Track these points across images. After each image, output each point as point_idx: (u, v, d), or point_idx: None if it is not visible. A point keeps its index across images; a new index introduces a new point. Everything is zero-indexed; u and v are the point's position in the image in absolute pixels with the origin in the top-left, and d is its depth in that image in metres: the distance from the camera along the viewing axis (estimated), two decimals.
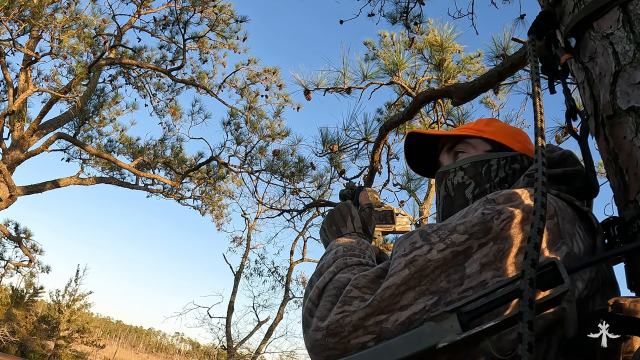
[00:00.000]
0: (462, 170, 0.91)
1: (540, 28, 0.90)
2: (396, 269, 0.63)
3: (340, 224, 0.91)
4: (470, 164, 0.91)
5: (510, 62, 2.73)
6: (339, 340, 0.62)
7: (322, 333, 0.64)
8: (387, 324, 0.60)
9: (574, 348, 0.59)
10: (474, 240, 0.62)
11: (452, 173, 0.92)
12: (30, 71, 8.63)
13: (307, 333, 0.67)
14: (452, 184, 0.92)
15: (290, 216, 5.49)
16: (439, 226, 0.67)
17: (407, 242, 0.67)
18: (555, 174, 0.80)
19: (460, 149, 0.96)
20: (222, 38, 9.57)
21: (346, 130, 4.46)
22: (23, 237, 9.37)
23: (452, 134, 0.98)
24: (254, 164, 8.46)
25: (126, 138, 9.70)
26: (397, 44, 5.48)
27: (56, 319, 19.11)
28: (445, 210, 0.92)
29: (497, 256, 0.62)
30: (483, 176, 0.89)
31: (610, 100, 0.79)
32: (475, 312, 0.56)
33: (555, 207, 0.68)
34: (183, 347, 57.28)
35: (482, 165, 0.90)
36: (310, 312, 0.68)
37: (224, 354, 14.35)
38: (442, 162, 1.00)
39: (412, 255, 0.63)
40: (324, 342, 0.63)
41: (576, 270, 0.60)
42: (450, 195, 0.91)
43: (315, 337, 0.64)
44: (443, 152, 1.00)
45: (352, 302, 0.63)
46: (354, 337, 0.61)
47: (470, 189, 0.89)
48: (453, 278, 0.61)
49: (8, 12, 5.91)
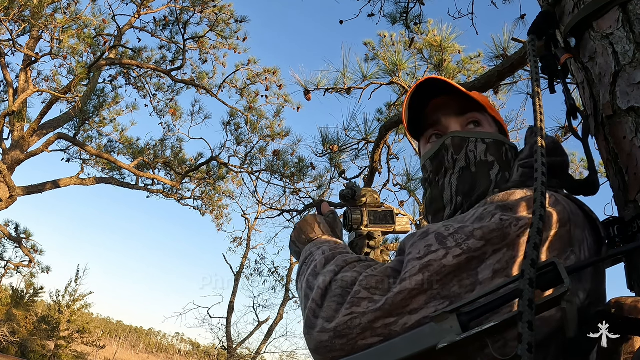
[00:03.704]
0: (484, 144, 0.84)
1: (540, 28, 0.90)
2: (410, 272, 0.62)
3: (309, 231, 0.91)
4: (492, 141, 0.85)
5: (510, 62, 2.73)
6: (346, 342, 0.61)
7: (329, 335, 0.63)
8: (396, 327, 0.59)
9: (574, 348, 0.59)
10: (489, 246, 0.61)
11: (473, 143, 0.84)
12: (30, 71, 8.62)
13: (311, 334, 0.65)
14: (474, 157, 0.83)
15: (290, 216, 5.48)
16: (456, 229, 0.64)
17: (422, 244, 0.65)
18: (553, 162, 0.78)
19: (475, 118, 0.88)
20: (222, 38, 9.57)
21: (346, 131, 4.46)
22: (23, 237, 9.37)
23: (477, 99, 0.89)
24: (254, 164, 8.46)
25: (126, 138, 9.70)
26: (397, 44, 5.48)
27: (56, 319, 19.11)
28: (461, 183, 0.83)
29: (509, 263, 0.61)
30: (504, 159, 0.84)
31: (610, 100, 0.79)
32: (475, 313, 0.56)
33: (569, 212, 0.66)
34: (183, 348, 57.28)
35: (502, 147, 0.85)
36: (315, 313, 0.67)
37: (224, 354, 14.35)
38: (445, 123, 0.89)
39: (427, 260, 0.62)
40: (330, 343, 0.62)
41: (576, 271, 0.60)
42: (471, 170, 0.83)
43: (320, 339, 0.63)
44: (449, 112, 0.89)
45: (361, 303, 0.62)
46: (361, 338, 0.60)
47: (495, 171, 0.82)
48: (465, 283, 0.60)
49: (8, 13, 5.91)
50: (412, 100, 0.91)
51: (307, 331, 0.66)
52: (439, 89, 0.90)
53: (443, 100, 0.90)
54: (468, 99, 0.89)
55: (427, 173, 0.90)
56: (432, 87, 0.89)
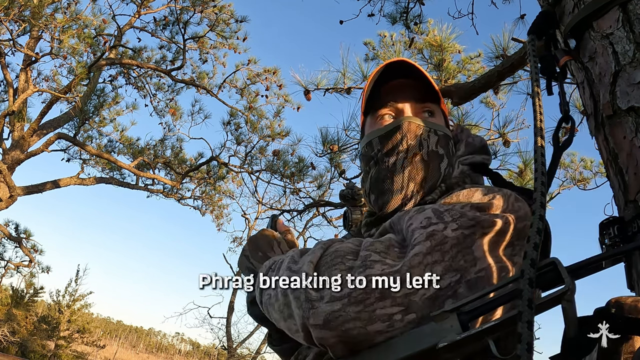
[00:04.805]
0: (436, 135, 0.84)
1: (540, 28, 0.90)
2: (419, 239, 0.61)
3: (267, 249, 0.84)
4: (443, 134, 0.86)
5: (510, 62, 2.73)
6: (362, 309, 0.56)
7: (341, 302, 0.57)
8: (416, 297, 0.57)
9: (574, 348, 0.59)
10: (479, 227, 0.63)
11: (427, 132, 0.84)
12: (30, 71, 8.62)
13: (318, 307, 0.58)
14: (427, 145, 0.82)
15: (290, 216, 5.49)
16: (448, 207, 0.66)
17: (422, 216, 0.65)
18: (483, 160, 0.84)
19: (430, 108, 0.88)
20: (222, 38, 9.57)
21: (346, 131, 4.45)
22: (23, 237, 9.37)
23: (436, 90, 0.88)
24: (254, 164, 8.46)
25: (126, 138, 9.70)
26: (397, 44, 5.48)
27: (56, 319, 19.11)
28: (414, 169, 0.82)
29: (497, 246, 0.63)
30: (450, 154, 0.85)
31: (610, 100, 0.79)
32: (475, 312, 0.56)
33: (526, 210, 0.69)
34: (183, 347, 57.28)
35: (449, 141, 0.86)
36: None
37: (224, 354, 14.35)
38: (401, 106, 0.87)
39: (430, 229, 0.62)
40: (344, 312, 0.56)
41: (576, 271, 0.60)
42: (423, 158, 0.82)
43: (331, 309, 0.57)
44: (406, 96, 0.88)
45: (374, 265, 0.59)
46: (380, 306, 0.56)
47: (444, 164, 0.83)
48: (468, 258, 0.60)
49: (8, 12, 5.91)
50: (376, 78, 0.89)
51: (311, 306, 0.59)
52: (403, 71, 0.88)
53: (402, 82, 0.88)
54: (428, 87, 0.87)
55: (374, 151, 0.87)
56: (397, 69, 0.88)
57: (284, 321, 0.65)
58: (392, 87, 0.89)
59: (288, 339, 0.88)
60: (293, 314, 0.62)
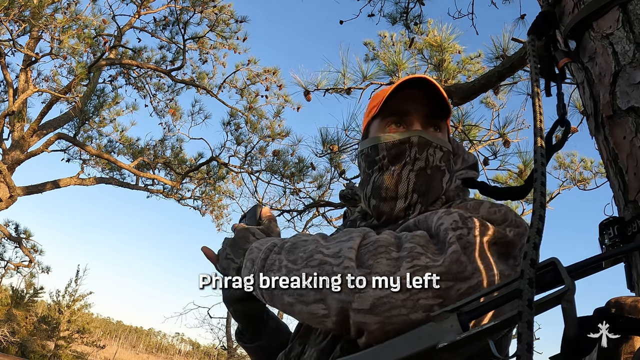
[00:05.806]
0: (441, 151, 0.87)
1: (540, 28, 0.90)
2: (452, 239, 0.64)
3: (245, 245, 0.84)
4: (447, 150, 0.89)
5: (510, 62, 2.73)
6: (408, 297, 0.59)
7: (391, 289, 0.59)
8: (452, 291, 0.60)
9: (574, 348, 0.59)
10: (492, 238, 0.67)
11: (433, 148, 0.87)
12: (30, 71, 8.63)
13: (365, 292, 0.60)
14: (433, 160, 0.86)
15: (290, 216, 5.49)
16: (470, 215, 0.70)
17: (450, 218, 0.68)
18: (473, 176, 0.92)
19: (438, 123, 0.90)
20: (222, 38, 9.57)
21: (346, 131, 4.46)
22: (23, 237, 9.38)
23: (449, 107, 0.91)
24: (254, 164, 8.47)
25: (126, 138, 9.70)
26: (397, 45, 5.48)
27: (56, 319, 19.11)
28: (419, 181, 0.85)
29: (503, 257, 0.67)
30: (451, 169, 0.90)
31: (610, 100, 0.79)
32: (475, 312, 0.56)
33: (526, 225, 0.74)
34: (183, 348, 57.29)
35: (450, 157, 0.90)
36: (358, 272, 0.62)
37: (224, 354, 14.35)
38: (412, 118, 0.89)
39: (458, 233, 0.65)
40: (392, 299, 0.59)
41: (576, 271, 0.60)
42: (427, 172, 0.86)
43: (380, 294, 0.59)
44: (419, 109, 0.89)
45: (420, 257, 0.61)
46: (423, 296, 0.59)
47: (446, 179, 0.88)
48: (487, 262, 0.63)
49: (8, 13, 5.91)
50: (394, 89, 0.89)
51: (357, 291, 0.60)
52: (421, 81, 0.88)
53: (416, 93, 0.89)
54: (441, 103, 0.89)
55: (379, 156, 0.89)
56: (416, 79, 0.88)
57: (304, 305, 0.65)
58: (407, 96, 0.89)
59: (260, 337, 0.92)
60: (325, 298, 0.63)
